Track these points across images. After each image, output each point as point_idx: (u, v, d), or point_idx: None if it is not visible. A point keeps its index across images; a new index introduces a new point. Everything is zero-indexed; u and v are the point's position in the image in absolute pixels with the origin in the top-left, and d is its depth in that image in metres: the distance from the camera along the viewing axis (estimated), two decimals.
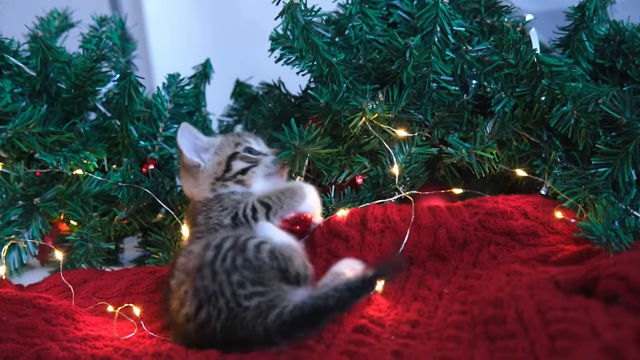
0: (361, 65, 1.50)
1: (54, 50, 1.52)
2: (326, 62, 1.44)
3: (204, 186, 1.28)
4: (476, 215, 1.35)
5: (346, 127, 1.40)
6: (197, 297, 1.07)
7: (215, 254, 1.09)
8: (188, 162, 1.28)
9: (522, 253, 1.28)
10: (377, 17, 1.52)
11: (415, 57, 1.40)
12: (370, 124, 1.39)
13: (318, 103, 1.42)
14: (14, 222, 1.54)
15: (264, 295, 1.06)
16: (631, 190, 1.30)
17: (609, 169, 1.31)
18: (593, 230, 1.19)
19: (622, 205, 1.28)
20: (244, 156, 1.29)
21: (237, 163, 1.28)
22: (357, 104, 1.37)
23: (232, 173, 1.28)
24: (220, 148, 1.30)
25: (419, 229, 1.34)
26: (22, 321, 1.15)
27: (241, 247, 1.10)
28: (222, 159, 1.28)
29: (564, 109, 1.33)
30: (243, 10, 2.62)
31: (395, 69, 1.44)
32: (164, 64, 2.36)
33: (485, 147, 1.38)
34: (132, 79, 1.52)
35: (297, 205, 1.26)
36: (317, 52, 1.44)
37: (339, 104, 1.40)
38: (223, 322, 1.05)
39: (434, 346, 1.02)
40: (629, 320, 0.87)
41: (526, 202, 1.36)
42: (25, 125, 1.51)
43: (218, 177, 1.27)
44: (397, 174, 1.42)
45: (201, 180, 1.28)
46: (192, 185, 1.30)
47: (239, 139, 1.32)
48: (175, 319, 1.11)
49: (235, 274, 1.07)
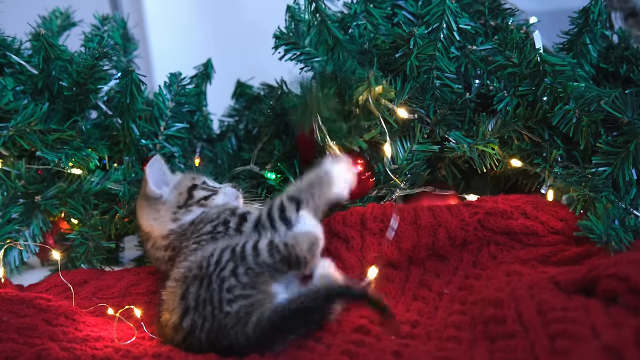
0: (366, 50, 1.50)
1: (56, 49, 1.52)
2: (332, 36, 1.43)
3: (165, 217, 1.27)
4: (476, 214, 1.35)
5: (350, 101, 1.40)
6: (183, 304, 1.08)
7: (214, 267, 1.09)
8: (151, 193, 1.27)
9: (522, 253, 1.28)
10: (382, 17, 1.52)
11: (419, 47, 1.40)
12: (373, 102, 1.38)
13: (323, 71, 1.42)
14: (15, 220, 1.54)
15: (247, 298, 1.06)
16: (631, 190, 1.30)
17: (610, 168, 1.31)
18: (593, 229, 1.20)
19: (622, 204, 1.28)
20: (204, 187, 1.30)
21: (199, 192, 1.29)
22: (364, 73, 1.36)
23: (195, 199, 1.28)
24: (180, 183, 1.30)
25: (419, 228, 1.34)
26: (22, 321, 1.15)
27: (240, 255, 1.10)
28: (182, 190, 1.28)
29: (566, 108, 1.33)
30: (244, 11, 2.62)
31: (399, 57, 1.44)
32: (165, 64, 2.35)
33: (487, 142, 1.38)
34: (133, 76, 1.52)
35: (328, 195, 1.21)
36: (324, 25, 1.43)
37: (344, 73, 1.39)
38: (207, 331, 1.05)
39: (434, 346, 1.02)
40: (629, 320, 0.87)
41: (526, 201, 1.36)
42: (27, 122, 1.51)
43: (180, 205, 1.27)
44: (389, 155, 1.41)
45: (162, 212, 1.27)
46: (152, 217, 1.28)
47: (194, 175, 1.33)
48: (166, 332, 1.11)
49: (230, 279, 1.07)
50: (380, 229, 1.34)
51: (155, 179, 1.27)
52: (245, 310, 1.05)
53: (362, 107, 1.40)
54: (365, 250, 1.33)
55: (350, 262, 1.31)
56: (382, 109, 1.39)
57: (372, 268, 1.28)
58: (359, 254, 1.33)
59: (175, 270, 1.16)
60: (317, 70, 1.47)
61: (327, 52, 1.46)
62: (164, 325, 1.12)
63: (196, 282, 1.09)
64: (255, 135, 1.75)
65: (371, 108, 1.38)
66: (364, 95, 1.37)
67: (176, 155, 1.68)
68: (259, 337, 1.03)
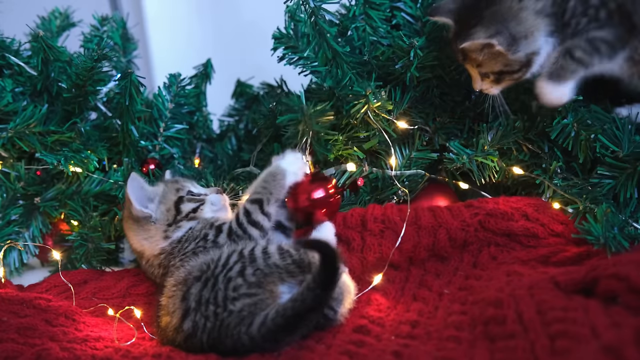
0: (365, 62, 1.50)
1: (55, 50, 1.52)
2: (332, 49, 1.44)
3: (157, 237, 1.27)
4: (476, 215, 1.35)
5: (347, 115, 1.39)
6: (183, 305, 1.08)
7: (222, 269, 1.09)
8: (139, 213, 1.26)
9: (522, 254, 1.28)
10: (381, 19, 1.51)
11: (420, 58, 1.40)
12: (372, 115, 1.38)
13: (321, 87, 1.41)
14: (15, 221, 1.54)
15: (251, 297, 1.06)
16: (631, 203, 1.29)
17: (613, 181, 1.30)
18: (592, 230, 1.20)
19: (622, 216, 1.26)
20: (190, 198, 1.30)
21: (186, 205, 1.28)
22: (361, 90, 1.37)
23: (184, 214, 1.27)
24: (164, 196, 1.29)
25: (419, 229, 1.34)
26: (23, 322, 1.15)
27: (250, 257, 1.10)
28: (169, 206, 1.28)
29: (564, 122, 1.33)
30: (243, 11, 2.62)
31: (399, 68, 1.44)
32: (165, 64, 2.35)
33: (486, 154, 1.38)
34: (133, 78, 1.52)
35: (283, 183, 1.28)
36: (323, 39, 1.43)
37: (342, 89, 1.39)
38: (209, 331, 1.05)
39: (434, 346, 1.02)
40: (628, 320, 0.87)
41: (527, 204, 1.36)
42: (26, 124, 1.51)
43: (170, 223, 1.27)
44: (394, 165, 1.41)
45: (153, 232, 1.27)
46: (142, 237, 1.28)
47: (178, 185, 1.32)
48: (167, 334, 1.11)
49: (237, 279, 1.07)
50: (380, 230, 1.34)
51: (138, 198, 1.26)
52: (249, 310, 1.05)
53: (360, 120, 1.40)
54: (366, 251, 1.33)
55: (351, 263, 1.31)
56: (380, 121, 1.39)
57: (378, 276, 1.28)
58: (360, 255, 1.33)
59: (173, 277, 1.16)
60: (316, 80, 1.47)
61: (326, 63, 1.45)
62: (164, 328, 1.12)
63: (198, 283, 1.09)
64: (255, 135, 1.75)
65: (370, 121, 1.39)
66: (363, 110, 1.37)
67: (176, 156, 1.68)
68: (264, 337, 1.03)
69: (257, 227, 1.23)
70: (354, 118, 1.39)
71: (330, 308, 1.11)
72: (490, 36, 1.21)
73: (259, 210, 1.24)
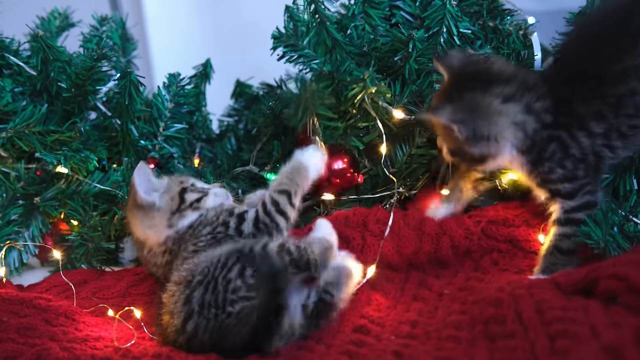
0: (365, 53, 1.50)
1: (55, 50, 1.52)
2: (331, 37, 1.44)
3: (160, 225, 1.26)
4: (479, 223, 1.35)
5: (346, 101, 1.39)
6: (186, 308, 1.08)
7: (221, 271, 1.09)
8: (143, 201, 1.26)
9: (524, 262, 1.29)
10: (380, 18, 1.52)
11: (419, 50, 1.39)
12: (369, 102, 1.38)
13: (321, 72, 1.42)
14: (14, 221, 1.54)
15: (250, 300, 1.05)
16: (631, 197, 1.28)
17: (611, 176, 1.30)
18: (592, 234, 1.19)
19: (622, 212, 1.26)
20: (194, 189, 1.30)
21: (190, 195, 1.29)
22: (360, 74, 1.37)
23: (188, 203, 1.28)
24: (169, 188, 1.30)
25: (422, 235, 1.34)
26: (23, 321, 1.15)
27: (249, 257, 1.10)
28: (174, 195, 1.28)
29: None
30: (243, 11, 2.62)
31: (398, 60, 1.44)
32: (164, 63, 2.35)
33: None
34: (132, 78, 1.52)
35: (308, 176, 1.30)
36: (323, 27, 1.43)
37: (341, 74, 1.40)
38: (210, 332, 1.05)
39: (433, 346, 1.02)
40: (628, 320, 0.87)
41: (527, 210, 1.36)
42: (26, 124, 1.51)
43: (174, 211, 1.27)
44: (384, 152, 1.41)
45: (157, 219, 1.27)
46: (146, 225, 1.28)
47: (182, 179, 1.33)
48: (167, 334, 1.11)
49: (236, 281, 1.07)
50: (381, 231, 1.34)
51: (144, 187, 1.26)
52: (247, 312, 1.05)
53: (358, 108, 1.40)
54: (366, 251, 1.33)
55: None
56: (379, 110, 1.39)
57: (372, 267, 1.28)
58: (359, 255, 1.32)
59: (176, 274, 1.16)
60: (316, 70, 1.47)
61: (326, 53, 1.46)
62: (165, 327, 1.12)
63: (201, 287, 1.09)
64: (255, 135, 1.75)
65: (368, 108, 1.38)
66: (360, 94, 1.37)
67: (175, 156, 1.68)
68: (251, 338, 1.03)
69: (284, 216, 1.24)
70: (352, 105, 1.39)
71: (327, 292, 1.11)
72: (453, 122, 1.18)
73: (287, 200, 1.25)
